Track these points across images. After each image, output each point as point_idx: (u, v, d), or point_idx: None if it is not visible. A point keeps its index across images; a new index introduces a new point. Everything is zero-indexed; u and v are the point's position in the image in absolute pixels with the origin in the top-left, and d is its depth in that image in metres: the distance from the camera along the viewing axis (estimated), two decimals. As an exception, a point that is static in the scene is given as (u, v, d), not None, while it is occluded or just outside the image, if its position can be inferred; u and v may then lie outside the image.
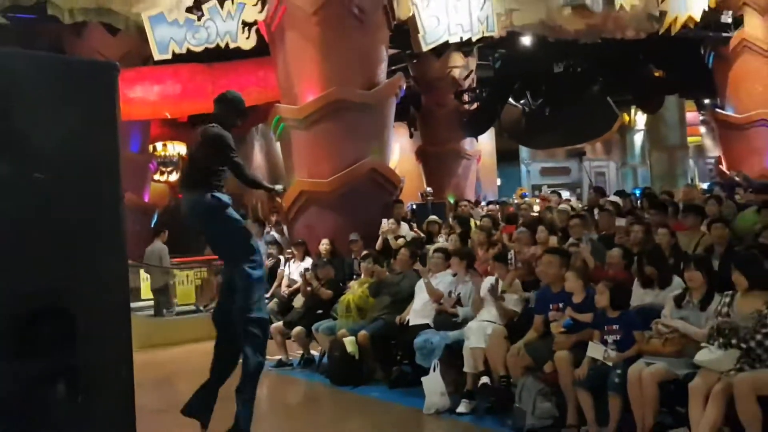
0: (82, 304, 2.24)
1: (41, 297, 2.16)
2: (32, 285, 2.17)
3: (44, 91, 2.21)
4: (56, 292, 2.21)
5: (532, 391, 6.00)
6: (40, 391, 2.13)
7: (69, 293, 2.24)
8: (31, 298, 2.15)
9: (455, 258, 7.65)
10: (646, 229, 7.29)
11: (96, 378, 2.21)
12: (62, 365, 2.15)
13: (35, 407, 2.08)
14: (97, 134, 2.31)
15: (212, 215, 5.39)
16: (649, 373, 5.22)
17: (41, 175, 2.15)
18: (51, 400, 2.13)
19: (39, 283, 2.18)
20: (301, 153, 11.63)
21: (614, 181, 30.15)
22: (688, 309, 5.41)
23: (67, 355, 2.17)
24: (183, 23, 11.16)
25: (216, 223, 5.45)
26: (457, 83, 18.92)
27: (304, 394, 8.22)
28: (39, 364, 2.14)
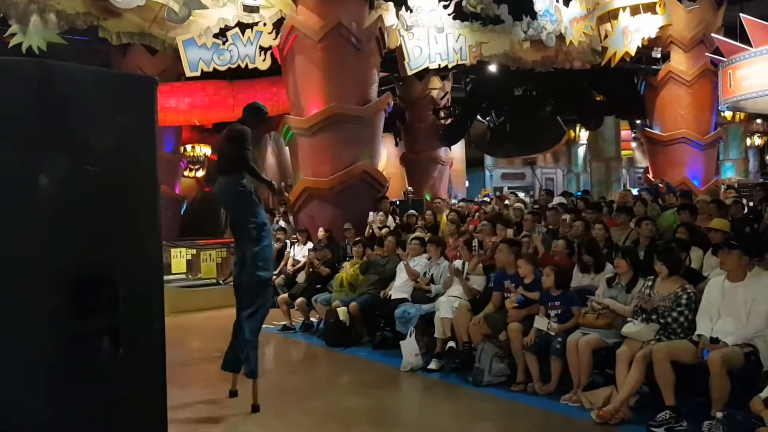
0: (125, 274, 2.25)
1: (93, 268, 2.17)
2: (86, 258, 2.18)
3: (97, 99, 2.21)
4: (105, 264, 2.22)
5: (489, 354, 6.05)
6: (91, 344, 2.14)
7: (115, 265, 2.24)
8: (86, 268, 2.15)
9: (431, 245, 7.68)
10: (585, 225, 7.34)
11: (134, 335, 2.22)
12: (108, 324, 2.16)
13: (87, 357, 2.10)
14: (139, 136, 2.31)
15: (239, 196, 5.45)
16: (584, 341, 5.27)
17: (93, 168, 2.15)
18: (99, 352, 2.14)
19: (91, 256, 2.19)
20: (306, 156, 11.60)
21: (561, 185, 30.19)
22: (617, 290, 5.46)
23: (111, 316, 2.18)
24: (210, 47, 11.08)
25: (239, 203, 5.50)
26: (435, 102, 18.87)
27: (304, 354, 8.22)
28: (90, 323, 2.15)
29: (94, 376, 2.14)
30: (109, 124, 2.21)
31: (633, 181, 29.48)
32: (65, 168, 2.11)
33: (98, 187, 2.18)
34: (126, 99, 2.27)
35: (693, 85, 15.86)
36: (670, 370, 4.60)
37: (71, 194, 2.12)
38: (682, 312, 4.89)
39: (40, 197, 2.05)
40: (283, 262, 10.78)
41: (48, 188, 2.05)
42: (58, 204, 2.09)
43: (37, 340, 2.04)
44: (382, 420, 5.40)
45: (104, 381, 2.15)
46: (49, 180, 2.05)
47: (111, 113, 2.22)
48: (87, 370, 2.12)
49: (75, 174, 2.13)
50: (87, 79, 2.26)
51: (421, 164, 18.80)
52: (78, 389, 2.10)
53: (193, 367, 7.10)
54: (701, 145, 16.12)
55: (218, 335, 8.57)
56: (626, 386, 4.81)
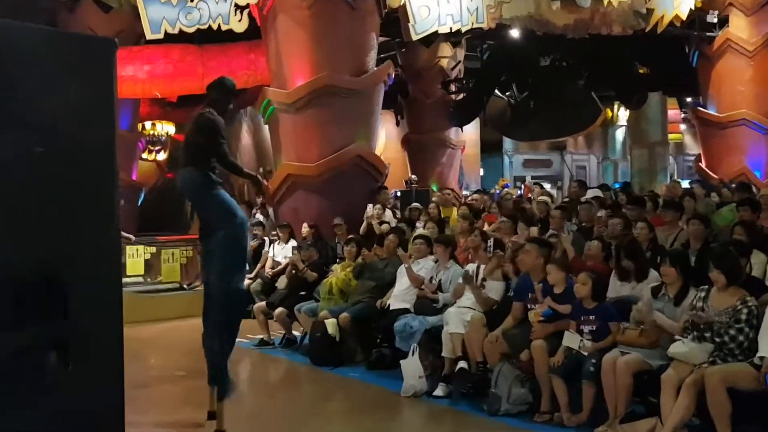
0: (76, 276, 2.24)
1: (36, 268, 2.16)
2: (27, 256, 2.17)
3: (43, 65, 2.19)
4: (51, 264, 2.21)
5: (508, 378, 6.05)
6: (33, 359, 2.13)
7: (63, 265, 2.23)
8: (26, 268, 2.14)
9: (439, 245, 7.68)
10: (625, 223, 7.34)
11: (87, 349, 2.21)
12: (54, 334, 2.16)
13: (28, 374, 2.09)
14: (95, 110, 2.30)
15: (203, 190, 5.55)
16: (623, 363, 5.27)
17: (41, 148, 2.14)
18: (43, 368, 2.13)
19: (34, 254, 2.18)
20: (289, 136, 11.62)
21: (595, 174, 30.28)
22: (664, 302, 5.45)
23: (59, 325, 2.18)
24: (176, 3, 11.08)
25: (205, 198, 5.61)
26: (444, 73, 18.89)
27: (284, 374, 8.24)
28: (32, 333, 2.14)
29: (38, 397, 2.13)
30: (58, 96, 2.19)
31: (682, 171, 29.54)
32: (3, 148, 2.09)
33: (44, 171, 2.17)
34: (79, 65, 2.24)
35: (756, 55, 15.88)
36: (727, 398, 4.61)
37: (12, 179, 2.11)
38: (741, 329, 4.89)
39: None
40: (260, 263, 10.80)
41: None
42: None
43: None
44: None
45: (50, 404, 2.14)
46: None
47: (60, 82, 2.20)
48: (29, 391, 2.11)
49: (15, 155, 2.11)
50: (31, 40, 2.24)
51: (426, 148, 18.82)
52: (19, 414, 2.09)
53: (151, 389, 7.10)
54: (765, 129, 16.14)
55: (182, 350, 8.61)
56: (673, 417, 4.81)
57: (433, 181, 17.77)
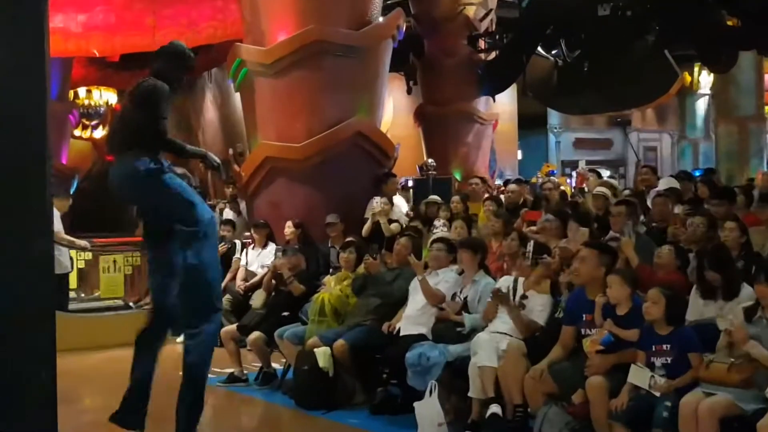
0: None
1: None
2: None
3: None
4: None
5: (556, 425, 6.08)
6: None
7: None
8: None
9: (465, 251, 7.68)
10: (709, 223, 7.35)
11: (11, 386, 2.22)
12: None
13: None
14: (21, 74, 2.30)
15: (146, 184, 5.64)
16: (707, 407, 5.29)
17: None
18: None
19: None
20: (268, 108, 11.64)
21: (668, 158, 30.32)
22: (761, 327, 5.46)
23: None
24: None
25: (151, 193, 5.75)
26: (471, 25, 18.88)
27: (261, 419, 8.30)
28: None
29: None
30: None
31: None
32: None
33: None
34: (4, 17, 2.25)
35: None
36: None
37: None
38: None
39: None
40: (230, 274, 10.83)
41: None
42: None
43: None
44: None
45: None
46: None
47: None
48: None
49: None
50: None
51: (448, 123, 18.87)
52: None
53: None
54: None
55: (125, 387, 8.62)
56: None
57: (456, 168, 17.82)
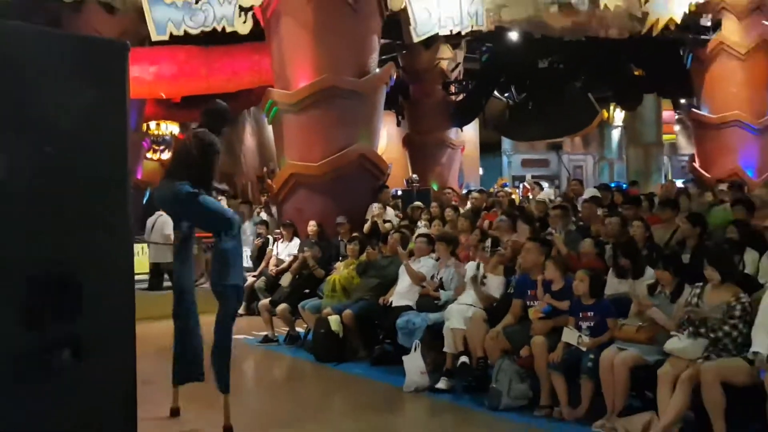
0: (89, 274, 2.23)
1: (49, 267, 2.15)
2: (42, 256, 2.16)
3: (56, 68, 2.18)
4: (65, 263, 2.20)
5: (508, 373, 6.05)
6: (48, 356, 2.12)
7: (76, 264, 2.23)
8: (40, 268, 2.13)
9: (441, 243, 7.68)
10: (621, 222, 7.35)
11: (99, 345, 2.21)
12: (68, 332, 2.15)
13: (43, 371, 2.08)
14: (107, 112, 2.29)
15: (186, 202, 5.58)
16: (621, 359, 5.28)
17: (52, 149, 2.12)
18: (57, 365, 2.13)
19: (49, 255, 2.17)
20: (293, 137, 11.61)
21: (591, 174, 30.25)
22: (660, 299, 5.47)
23: (72, 323, 2.17)
24: (181, 5, 11.07)
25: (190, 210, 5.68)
26: (444, 74, 18.90)
27: (288, 370, 8.24)
28: (47, 331, 2.13)
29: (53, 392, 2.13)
30: (71, 98, 2.18)
31: (676, 171, 29.52)
32: (17, 150, 2.08)
33: (58, 172, 2.16)
34: (92, 68, 2.24)
35: (748, 59, 15.90)
36: (721, 393, 4.62)
37: (24, 181, 2.10)
38: (735, 325, 4.90)
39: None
40: (264, 261, 10.79)
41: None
42: (8, 192, 2.06)
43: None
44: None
45: (65, 398, 2.14)
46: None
47: (73, 85, 2.19)
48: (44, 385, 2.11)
49: (29, 157, 2.10)
50: (45, 43, 2.23)
51: (427, 148, 18.84)
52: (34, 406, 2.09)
53: (157, 385, 7.08)
54: (757, 130, 16.18)
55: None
56: (669, 411, 4.82)
57: (433, 181, 17.76)
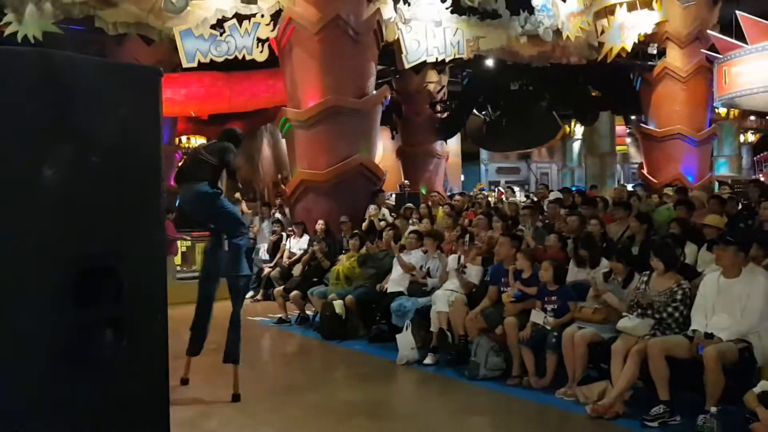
0: (129, 265, 2.24)
1: (97, 258, 2.15)
2: (90, 248, 2.16)
3: (101, 90, 2.19)
4: (108, 255, 2.20)
5: (485, 348, 6.06)
6: (94, 335, 2.12)
7: (118, 256, 2.23)
8: (89, 258, 2.14)
9: (428, 238, 7.67)
10: (581, 220, 7.35)
11: (137, 327, 2.21)
12: (110, 314, 2.16)
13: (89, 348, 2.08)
14: (143, 127, 2.30)
15: (210, 201, 5.60)
16: (580, 336, 5.29)
17: (97, 158, 2.13)
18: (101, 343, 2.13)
19: (95, 247, 2.17)
20: (303, 148, 11.59)
21: (556, 179, 30.27)
22: (613, 285, 5.47)
23: (115, 307, 2.17)
24: (207, 38, 11.05)
25: (212, 209, 5.68)
26: (431, 96, 18.87)
27: (299, 346, 8.22)
28: (93, 313, 2.13)
29: (97, 366, 2.13)
30: (113, 115, 2.19)
31: (627, 177, 29.56)
32: (69, 159, 2.09)
33: (102, 178, 2.17)
34: (130, 90, 2.25)
35: (688, 81, 15.92)
36: (665, 365, 4.62)
37: (74, 185, 2.10)
38: (677, 307, 4.91)
39: (44, 187, 2.03)
40: (279, 254, 10.79)
41: (51, 179, 2.04)
42: (61, 194, 2.07)
43: (39, 329, 2.03)
44: (378, 413, 5.41)
45: (107, 372, 2.14)
46: (52, 171, 2.04)
47: (115, 104, 2.20)
48: (89, 361, 2.11)
49: (79, 165, 2.11)
50: (90, 69, 2.24)
51: (417, 158, 18.82)
52: (80, 379, 2.09)
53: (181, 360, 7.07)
54: (696, 142, 16.20)
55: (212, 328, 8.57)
56: (621, 381, 4.83)
57: (422, 186, 17.73)
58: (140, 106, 2.26)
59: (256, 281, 11.26)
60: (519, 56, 14.06)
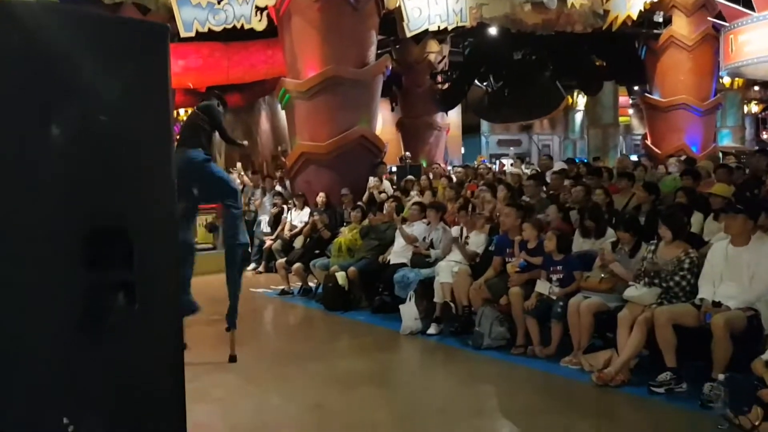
0: (140, 227, 2.22)
1: (108, 220, 2.13)
2: (101, 209, 2.15)
3: (107, 46, 2.15)
4: (120, 217, 2.19)
5: (489, 318, 6.10)
6: (104, 299, 2.12)
7: (130, 218, 2.22)
8: (100, 218, 2.12)
9: (431, 210, 7.67)
10: (586, 191, 7.34)
11: (150, 290, 2.20)
12: (123, 278, 2.15)
13: (100, 313, 2.08)
14: (152, 86, 2.26)
15: (202, 167, 5.62)
16: (585, 305, 5.32)
17: (105, 117, 2.11)
18: (112, 308, 2.12)
19: (106, 208, 2.15)
20: (303, 120, 11.54)
21: (558, 151, 30.21)
22: (620, 255, 5.48)
23: (127, 270, 2.17)
24: (205, 6, 10.95)
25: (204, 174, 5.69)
26: (432, 66, 18.73)
27: (302, 318, 8.27)
28: (104, 276, 2.13)
29: (110, 330, 2.13)
30: (120, 73, 2.15)
31: (630, 148, 29.49)
32: (76, 117, 2.06)
33: (111, 138, 2.14)
34: (137, 46, 2.21)
35: (694, 50, 15.80)
36: (672, 333, 4.66)
37: (84, 144, 2.08)
38: (684, 276, 4.93)
39: (52, 147, 2.01)
40: (280, 227, 10.79)
41: (59, 138, 2.02)
42: (70, 154, 2.05)
43: (51, 291, 2.02)
44: (383, 382, 5.47)
45: (119, 336, 2.14)
46: (60, 130, 2.02)
47: (122, 61, 2.17)
48: (102, 324, 2.11)
49: (87, 124, 2.08)
50: (95, 25, 2.20)
51: (417, 130, 18.74)
52: (92, 343, 2.09)
53: (192, 329, 7.11)
54: (701, 112, 16.13)
55: (215, 299, 8.60)
56: (627, 349, 4.86)
57: (422, 158, 17.70)
58: (148, 64, 2.22)
59: (258, 254, 11.31)
60: (523, 24, 13.93)
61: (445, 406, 4.74)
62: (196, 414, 3.88)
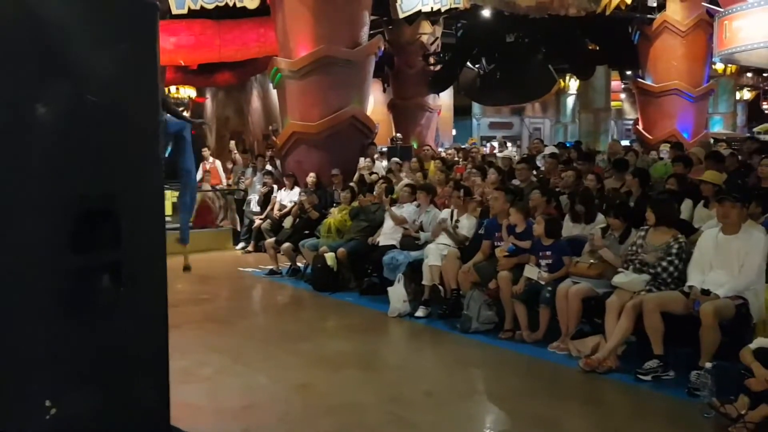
0: (127, 208, 2.18)
1: (95, 200, 2.10)
2: (88, 190, 2.11)
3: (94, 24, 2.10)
4: (107, 197, 2.15)
5: (477, 302, 6.09)
6: (90, 280, 2.08)
7: (117, 198, 2.18)
8: (87, 200, 2.08)
9: (421, 192, 7.63)
10: (577, 175, 7.32)
11: (136, 272, 2.17)
12: (109, 259, 2.11)
13: (86, 294, 2.04)
14: (140, 64, 2.21)
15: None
16: (574, 290, 5.32)
17: (93, 98, 2.06)
18: (98, 289, 2.09)
19: (93, 189, 2.12)
20: (294, 100, 11.43)
21: (549, 135, 30.19)
22: (610, 240, 5.48)
23: (113, 251, 2.13)
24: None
25: None
26: (424, 48, 18.62)
27: (291, 298, 8.25)
28: (90, 257, 2.09)
29: (95, 312, 2.10)
30: (108, 51, 2.10)
31: (621, 133, 29.54)
32: (63, 96, 2.01)
33: (99, 117, 2.09)
34: (125, 24, 2.15)
35: (687, 35, 15.76)
36: (660, 320, 4.66)
37: (71, 124, 2.04)
38: (671, 261, 4.93)
39: (38, 126, 1.96)
40: (270, 206, 10.73)
41: (46, 117, 1.97)
42: (57, 133, 2.00)
43: (36, 273, 1.99)
44: (370, 363, 5.47)
45: (105, 318, 2.11)
46: (46, 109, 1.97)
47: (110, 39, 2.11)
48: (87, 306, 2.08)
49: (74, 103, 2.03)
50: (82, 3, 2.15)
51: (408, 111, 18.65)
52: (78, 324, 2.06)
53: (180, 309, 7.09)
54: (693, 97, 16.13)
55: (203, 279, 8.59)
56: (615, 335, 4.87)
57: (413, 139, 17.64)
58: (136, 42, 2.17)
59: (247, 233, 11.25)
60: (516, 7, 13.84)
61: (431, 389, 4.74)
62: (183, 393, 3.87)
